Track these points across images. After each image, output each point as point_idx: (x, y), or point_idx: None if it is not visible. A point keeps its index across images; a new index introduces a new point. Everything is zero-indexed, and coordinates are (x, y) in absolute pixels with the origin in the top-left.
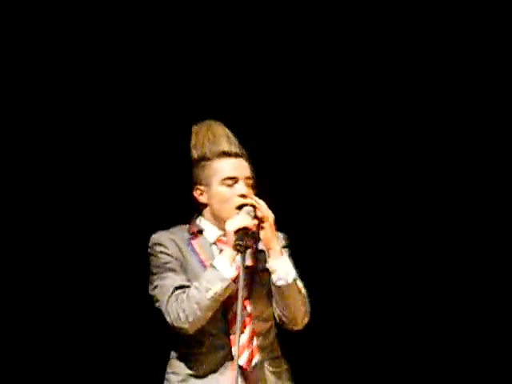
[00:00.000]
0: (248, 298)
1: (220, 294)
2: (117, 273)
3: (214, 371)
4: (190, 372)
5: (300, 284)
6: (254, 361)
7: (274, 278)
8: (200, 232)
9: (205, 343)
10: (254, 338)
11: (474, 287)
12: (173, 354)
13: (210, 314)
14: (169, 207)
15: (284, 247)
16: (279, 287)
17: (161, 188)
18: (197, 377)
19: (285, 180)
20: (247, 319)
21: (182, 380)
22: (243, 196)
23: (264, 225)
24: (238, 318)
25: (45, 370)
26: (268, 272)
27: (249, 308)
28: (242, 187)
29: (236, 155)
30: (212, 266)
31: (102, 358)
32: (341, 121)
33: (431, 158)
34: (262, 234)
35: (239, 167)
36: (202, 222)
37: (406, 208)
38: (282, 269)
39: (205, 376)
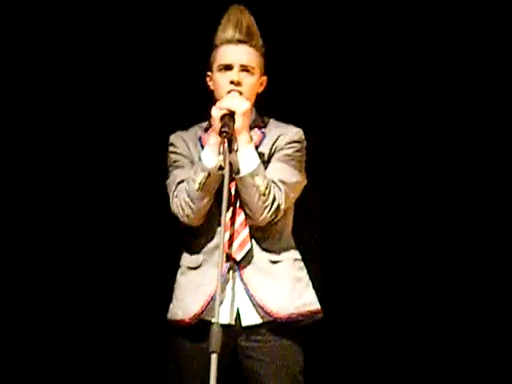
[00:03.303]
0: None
1: (204, 183)
2: None
3: (208, 262)
4: (188, 264)
5: (258, 180)
6: (245, 250)
7: (234, 169)
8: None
9: (200, 234)
10: (246, 228)
11: (476, 288)
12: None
13: (203, 203)
14: None
15: (289, 143)
16: (236, 180)
17: None
18: (193, 268)
19: None
20: (238, 210)
21: (182, 272)
22: (234, 83)
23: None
24: (224, 205)
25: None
26: None
27: (239, 200)
28: (233, 74)
29: (238, 42)
30: (199, 157)
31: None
32: None
33: (432, 158)
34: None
35: (237, 54)
36: None
37: (406, 208)
38: (241, 161)
39: (200, 267)
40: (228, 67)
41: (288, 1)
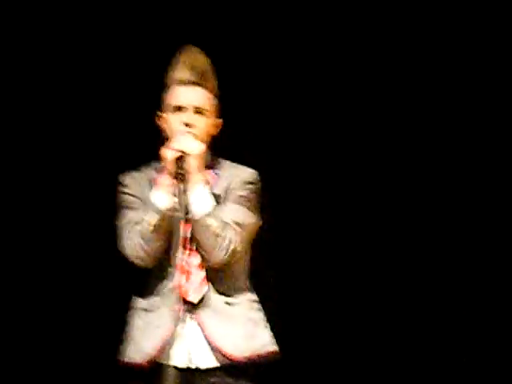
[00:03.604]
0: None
1: (158, 224)
2: None
3: (165, 305)
4: (144, 307)
5: (213, 222)
6: (202, 292)
7: (188, 211)
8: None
9: (156, 277)
10: (202, 271)
11: (475, 287)
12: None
13: (157, 245)
14: None
15: (243, 184)
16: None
17: None
18: (149, 311)
19: None
20: (194, 252)
21: (138, 315)
22: (187, 125)
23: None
24: (179, 247)
25: None
26: None
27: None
28: (186, 116)
29: (192, 83)
30: (152, 199)
31: None
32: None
33: (431, 158)
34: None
35: (190, 96)
36: None
37: (405, 207)
38: (195, 203)
39: (156, 310)
40: (181, 108)
41: (239, 40)
